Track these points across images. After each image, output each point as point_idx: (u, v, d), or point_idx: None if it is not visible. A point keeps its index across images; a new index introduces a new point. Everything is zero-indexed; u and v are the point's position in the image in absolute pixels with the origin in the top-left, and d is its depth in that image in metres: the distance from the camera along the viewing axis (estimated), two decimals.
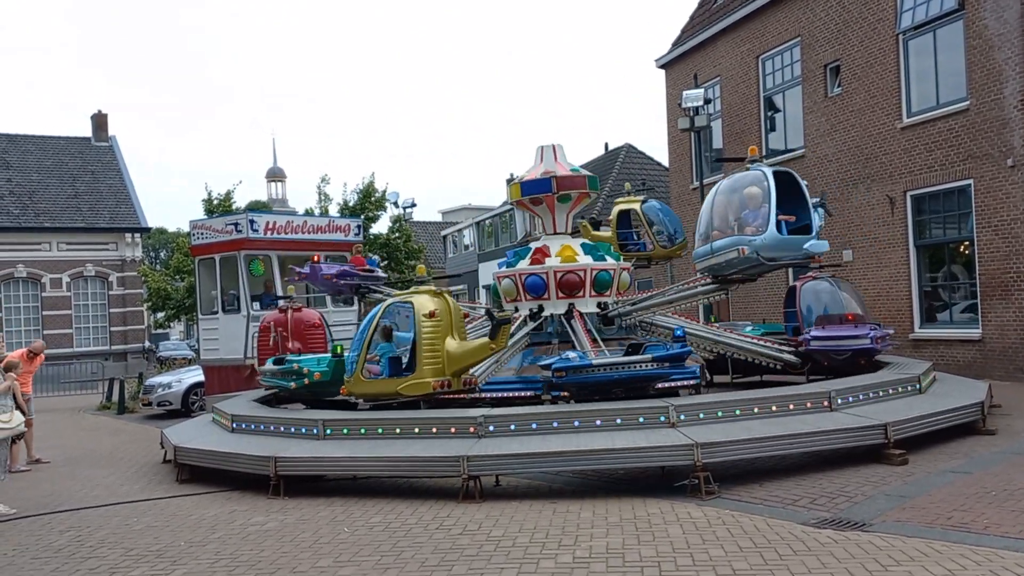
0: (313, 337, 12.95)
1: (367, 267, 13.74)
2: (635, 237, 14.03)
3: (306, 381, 10.54)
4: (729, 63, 21.27)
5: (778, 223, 10.44)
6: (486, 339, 9.50)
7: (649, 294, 12.95)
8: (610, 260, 12.03)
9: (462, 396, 9.88)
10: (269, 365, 11.51)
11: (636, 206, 13.92)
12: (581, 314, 11.46)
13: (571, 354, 9.55)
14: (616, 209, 14.25)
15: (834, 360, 10.84)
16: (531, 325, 11.63)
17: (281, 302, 13.59)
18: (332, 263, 14.17)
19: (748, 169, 11.35)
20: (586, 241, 12.44)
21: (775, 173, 10.75)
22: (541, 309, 11.73)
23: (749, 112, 20.60)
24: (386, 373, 9.66)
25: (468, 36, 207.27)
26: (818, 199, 11.68)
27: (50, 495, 9.49)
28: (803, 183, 11.17)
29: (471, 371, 9.82)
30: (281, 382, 11.12)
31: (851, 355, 10.65)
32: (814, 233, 10.71)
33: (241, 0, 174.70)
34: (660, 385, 9.83)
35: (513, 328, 11.33)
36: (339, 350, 10.79)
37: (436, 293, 9.71)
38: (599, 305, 11.79)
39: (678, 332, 9.87)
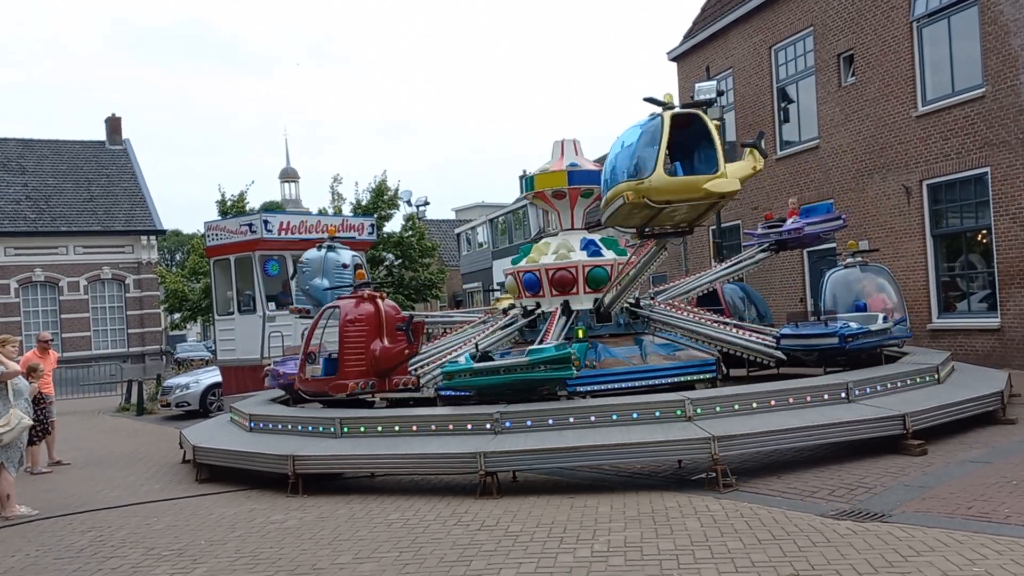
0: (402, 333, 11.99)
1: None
2: None
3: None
4: (741, 54, 21.15)
5: None
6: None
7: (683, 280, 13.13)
8: (609, 254, 12.04)
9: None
10: (468, 362, 9.41)
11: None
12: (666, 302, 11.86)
13: (851, 323, 10.14)
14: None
15: None
16: (522, 321, 11.68)
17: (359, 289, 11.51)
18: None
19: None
20: (587, 236, 12.44)
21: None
22: (538, 306, 11.87)
23: (762, 103, 20.49)
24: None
25: (477, 32, 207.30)
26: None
27: (71, 496, 9.58)
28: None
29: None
30: (545, 375, 9.03)
31: None
32: None
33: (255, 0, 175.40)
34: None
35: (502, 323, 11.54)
36: (583, 333, 9.99)
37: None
38: (594, 302, 11.79)
39: (862, 304, 10.93)
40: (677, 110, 9.30)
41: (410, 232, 30.07)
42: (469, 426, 8.53)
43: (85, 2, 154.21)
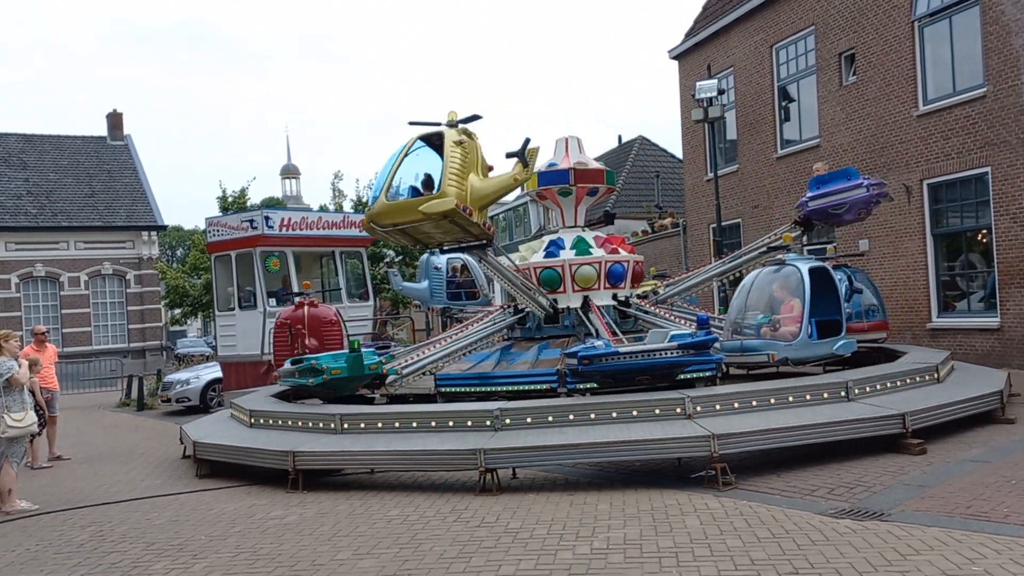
0: (330, 334, 12.32)
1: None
2: None
3: (324, 378, 10.09)
4: (743, 53, 21.14)
5: None
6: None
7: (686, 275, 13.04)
8: (566, 255, 12.07)
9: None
10: (287, 365, 10.87)
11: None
12: (597, 306, 11.49)
13: (597, 342, 9.49)
14: None
15: None
16: (511, 319, 11.75)
17: (296, 298, 13.01)
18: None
19: None
20: (580, 234, 12.51)
21: None
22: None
23: (763, 102, 20.49)
24: None
25: (477, 32, 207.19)
26: None
27: (71, 491, 9.60)
28: None
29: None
30: (299, 381, 10.58)
31: None
32: None
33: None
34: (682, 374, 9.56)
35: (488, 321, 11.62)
36: (356, 346, 10.52)
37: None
38: (614, 297, 11.82)
39: (703, 318, 9.81)
40: (425, 130, 9.45)
41: None
42: (469, 423, 8.54)
43: (85, 2, 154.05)
